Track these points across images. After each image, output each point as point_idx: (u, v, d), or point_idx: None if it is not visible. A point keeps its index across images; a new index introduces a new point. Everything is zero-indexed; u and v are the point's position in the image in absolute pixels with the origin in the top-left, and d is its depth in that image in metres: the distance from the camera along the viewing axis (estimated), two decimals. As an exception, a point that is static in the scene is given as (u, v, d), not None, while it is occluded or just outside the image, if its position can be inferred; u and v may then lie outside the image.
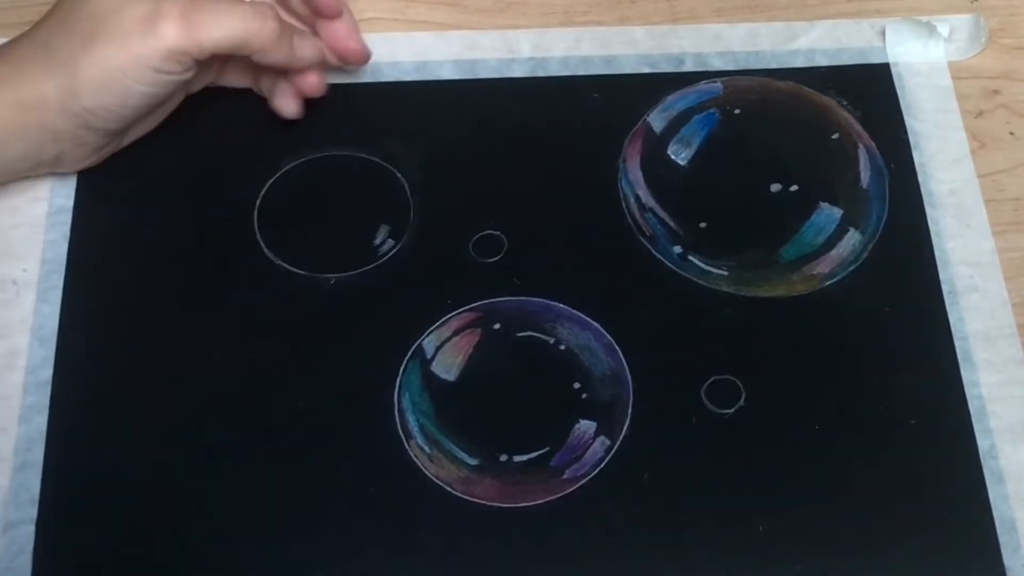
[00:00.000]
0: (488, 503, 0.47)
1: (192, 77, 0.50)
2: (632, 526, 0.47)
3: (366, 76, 0.56)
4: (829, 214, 0.54)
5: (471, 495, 0.47)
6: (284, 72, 0.53)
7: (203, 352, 0.50)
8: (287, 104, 0.53)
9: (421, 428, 0.48)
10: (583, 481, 0.48)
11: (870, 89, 0.57)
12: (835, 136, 0.56)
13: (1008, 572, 0.46)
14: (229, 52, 0.49)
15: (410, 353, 0.50)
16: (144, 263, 0.52)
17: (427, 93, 0.56)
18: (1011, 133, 0.57)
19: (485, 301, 0.51)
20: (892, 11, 0.59)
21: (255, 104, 0.55)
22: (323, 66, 0.54)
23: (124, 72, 0.47)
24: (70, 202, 0.53)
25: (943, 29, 0.58)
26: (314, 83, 0.53)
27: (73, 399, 0.49)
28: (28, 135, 0.49)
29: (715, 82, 0.57)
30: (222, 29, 0.48)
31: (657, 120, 0.56)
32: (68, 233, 0.52)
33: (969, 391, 0.50)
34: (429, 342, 0.50)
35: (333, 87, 0.56)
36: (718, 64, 0.57)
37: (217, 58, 0.51)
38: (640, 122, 0.56)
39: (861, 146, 0.55)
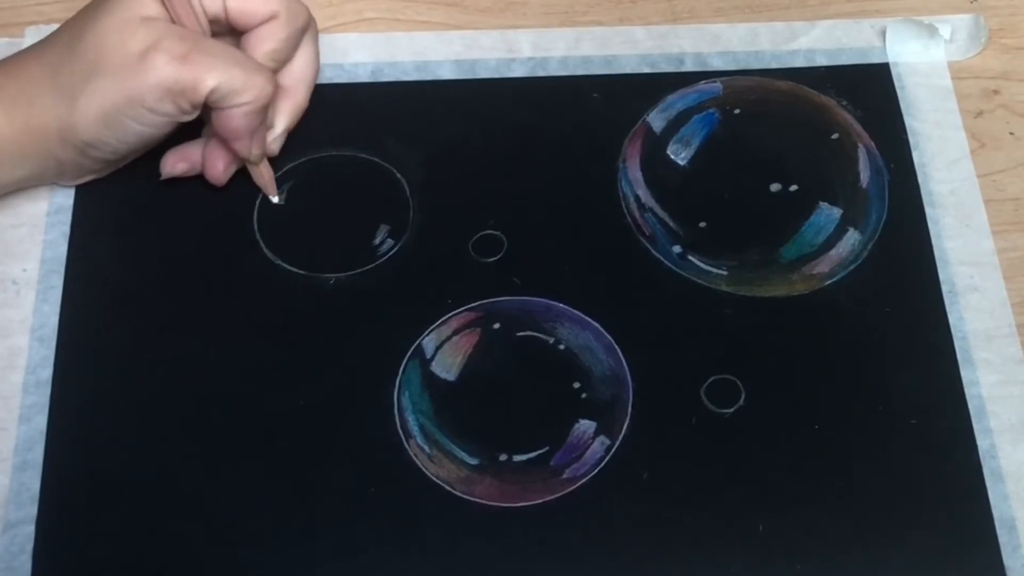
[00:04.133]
0: (488, 503, 0.47)
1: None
2: (632, 526, 0.47)
3: (366, 76, 0.56)
4: (829, 214, 0.54)
5: (471, 495, 0.47)
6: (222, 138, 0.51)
7: (203, 352, 0.50)
8: (217, 166, 0.51)
9: (421, 428, 0.48)
10: (583, 481, 0.48)
11: (870, 89, 0.57)
12: (835, 136, 0.56)
13: (1008, 572, 0.46)
14: (220, 99, 0.47)
15: (410, 353, 0.50)
16: (144, 263, 0.52)
17: (427, 93, 0.56)
18: (1011, 133, 0.57)
19: (485, 301, 0.51)
20: (892, 11, 0.59)
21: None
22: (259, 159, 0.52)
23: (120, 110, 0.47)
24: (70, 202, 0.53)
25: (944, 31, 0.58)
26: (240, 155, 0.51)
27: (73, 399, 0.49)
28: (33, 158, 0.49)
29: (715, 82, 0.57)
30: (223, 73, 0.47)
31: (657, 120, 0.56)
32: (68, 233, 0.52)
33: (969, 391, 0.50)
34: (429, 342, 0.50)
35: (333, 87, 0.56)
36: (718, 64, 0.57)
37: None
38: (640, 122, 0.56)
39: (861, 146, 0.55)
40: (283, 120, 0.52)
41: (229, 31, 0.50)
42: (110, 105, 0.47)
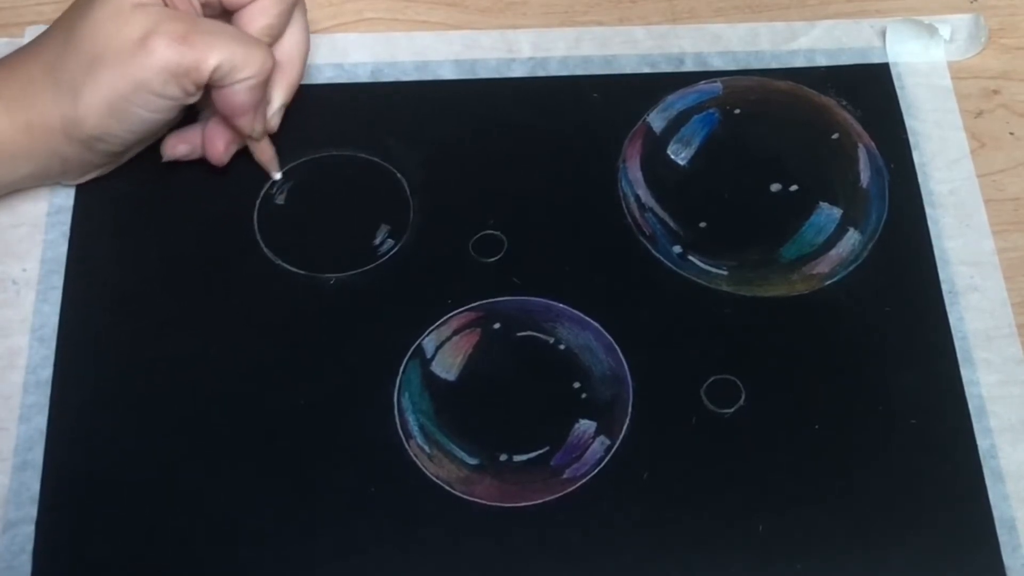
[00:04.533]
0: (488, 503, 0.47)
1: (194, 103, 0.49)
2: (632, 526, 0.47)
3: (366, 76, 0.56)
4: (829, 214, 0.54)
5: (471, 495, 0.47)
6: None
7: (203, 352, 0.50)
8: (218, 146, 0.52)
9: (421, 428, 0.48)
10: (583, 481, 0.48)
11: (870, 89, 0.57)
12: (835, 136, 0.56)
13: (1008, 572, 0.46)
14: (223, 77, 0.47)
15: (410, 353, 0.50)
16: (144, 262, 0.52)
17: (427, 93, 0.56)
18: (1011, 133, 0.57)
19: (485, 301, 0.51)
20: (892, 11, 0.59)
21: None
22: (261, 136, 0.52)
23: (126, 99, 0.47)
24: (70, 202, 0.53)
25: (944, 31, 0.58)
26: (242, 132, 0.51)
27: (73, 399, 0.49)
28: (36, 156, 0.48)
29: (715, 82, 0.57)
30: (224, 50, 0.47)
31: (657, 120, 0.56)
32: (68, 233, 0.52)
33: (969, 391, 0.50)
34: (429, 342, 0.50)
35: (333, 87, 0.56)
36: (718, 64, 0.57)
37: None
38: (640, 122, 0.56)
39: (861, 146, 0.55)
40: (280, 95, 0.52)
41: (221, 12, 0.50)
42: (115, 95, 0.47)
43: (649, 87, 0.57)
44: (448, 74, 0.57)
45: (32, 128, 0.47)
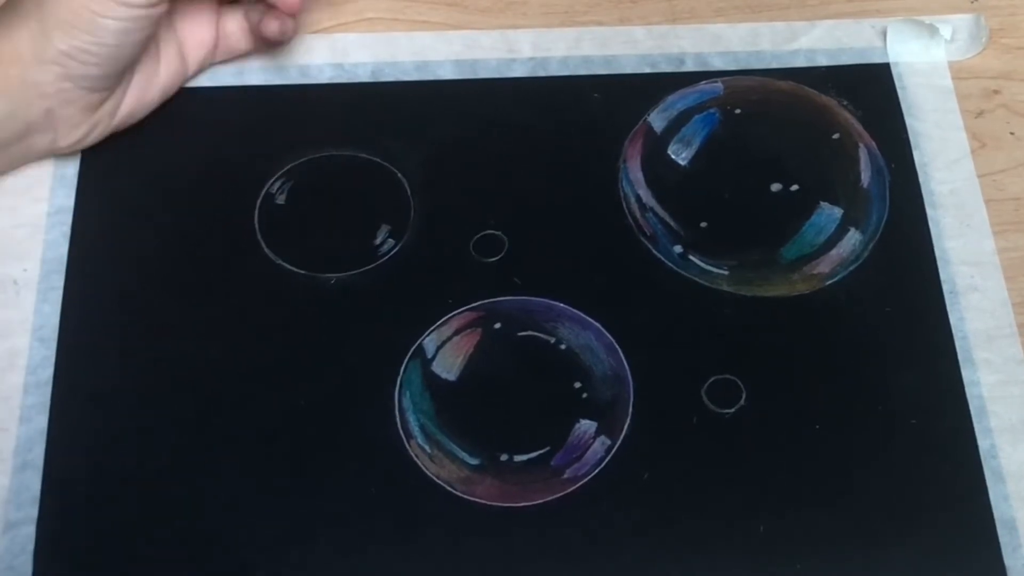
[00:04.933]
0: (488, 503, 0.47)
1: (164, 14, 0.49)
2: (632, 526, 0.47)
3: (366, 76, 0.57)
4: (830, 214, 0.54)
5: (471, 495, 0.47)
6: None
7: (203, 352, 0.50)
8: (271, 26, 0.52)
9: (422, 427, 0.48)
10: (583, 481, 0.48)
11: (870, 89, 0.57)
12: (836, 136, 0.56)
13: (1008, 572, 0.46)
14: None
15: (411, 353, 0.50)
16: (144, 263, 0.52)
17: (427, 93, 0.56)
18: (1011, 133, 0.57)
19: (486, 301, 0.51)
20: (892, 11, 0.59)
21: (255, 104, 0.55)
22: None
23: (89, 7, 0.47)
24: (70, 202, 0.53)
25: (945, 31, 0.58)
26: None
27: (73, 399, 0.49)
28: (10, 91, 0.48)
29: (716, 82, 0.57)
30: None
31: (657, 120, 0.56)
32: (68, 233, 0.52)
33: (969, 391, 0.50)
34: (430, 342, 0.50)
35: (333, 87, 0.56)
36: (718, 64, 0.57)
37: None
38: (641, 122, 0.56)
39: (861, 146, 0.55)
40: None
41: None
42: (78, 4, 0.47)
43: (650, 87, 0.57)
44: (448, 74, 0.57)
45: (1, 58, 0.47)
